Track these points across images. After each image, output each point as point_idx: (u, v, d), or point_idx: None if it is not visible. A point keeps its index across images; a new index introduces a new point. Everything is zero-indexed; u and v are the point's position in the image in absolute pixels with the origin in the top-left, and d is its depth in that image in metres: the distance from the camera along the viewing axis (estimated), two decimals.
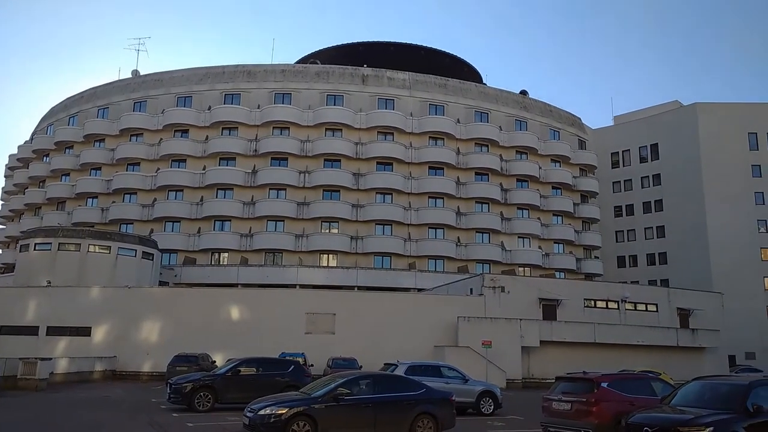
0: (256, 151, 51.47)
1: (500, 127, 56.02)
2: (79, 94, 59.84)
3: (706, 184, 57.73)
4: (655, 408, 11.09)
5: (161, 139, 52.71)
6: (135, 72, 58.86)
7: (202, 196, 50.86)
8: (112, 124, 54.37)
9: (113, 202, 52.13)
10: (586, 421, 12.10)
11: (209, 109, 52.60)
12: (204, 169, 51.37)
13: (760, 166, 58.31)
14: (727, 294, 45.56)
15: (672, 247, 59.31)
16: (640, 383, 13.45)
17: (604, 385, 12.56)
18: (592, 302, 39.72)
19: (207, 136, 52.26)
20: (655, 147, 63.03)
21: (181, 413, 17.34)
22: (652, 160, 63.14)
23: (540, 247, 54.82)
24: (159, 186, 51.35)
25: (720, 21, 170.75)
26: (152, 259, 43.24)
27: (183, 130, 53.10)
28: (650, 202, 62.31)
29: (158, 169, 51.84)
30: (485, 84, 61.88)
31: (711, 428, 9.45)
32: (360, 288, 45.68)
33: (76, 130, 56.30)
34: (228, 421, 15.70)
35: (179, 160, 52.47)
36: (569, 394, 12.80)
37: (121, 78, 58.38)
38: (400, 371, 18.05)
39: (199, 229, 50.16)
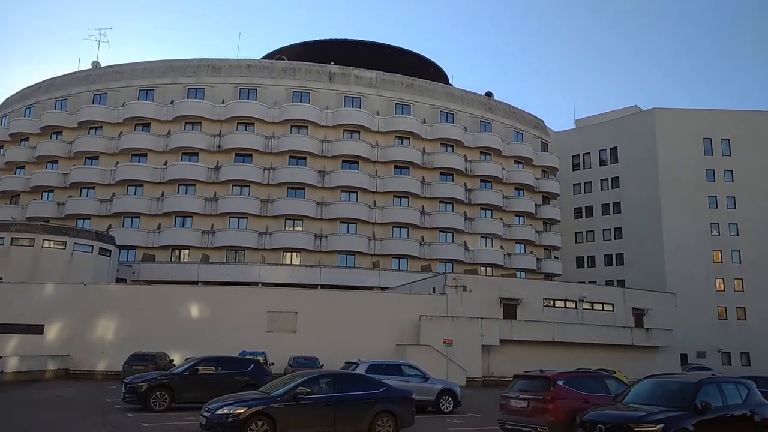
0: (219, 146, 50.74)
1: (465, 127, 56.57)
2: (36, 84, 57.96)
3: (662, 187, 59.42)
4: (608, 405, 11.34)
5: (121, 132, 51.47)
6: (95, 63, 57.30)
7: (163, 192, 49.89)
8: (71, 117, 52.84)
9: (70, 196, 50.68)
10: (542, 418, 12.32)
11: (172, 103, 51.62)
12: (165, 164, 50.40)
13: (713, 170, 60.29)
14: (680, 294, 47.03)
15: (629, 248, 60.87)
16: (595, 381, 13.76)
17: (560, 383, 12.80)
18: (551, 302, 40.50)
19: (169, 130, 51.28)
20: (614, 150, 64.58)
21: (136, 413, 16.98)
22: (611, 164, 64.67)
23: (502, 247, 55.59)
24: (118, 180, 50.14)
25: (680, 30, 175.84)
26: (110, 256, 42.23)
27: (144, 124, 51.96)
28: (609, 204, 63.84)
29: (118, 163, 50.61)
30: (451, 85, 62.36)
31: (661, 425, 9.72)
32: (323, 286, 45.52)
33: (33, 122, 54.53)
34: (185, 421, 15.45)
35: (140, 154, 51.34)
36: (526, 392, 13.01)
37: (80, 69, 56.79)
38: (361, 370, 18.06)
39: (160, 225, 49.19)
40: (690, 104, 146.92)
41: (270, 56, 61.13)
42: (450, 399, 19.28)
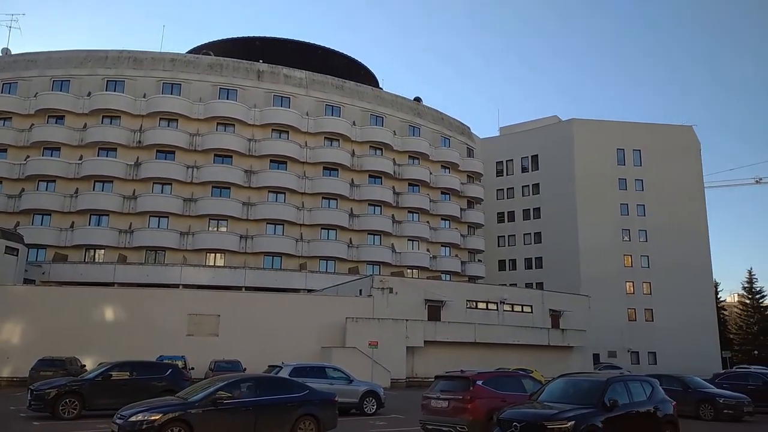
0: (140, 142, 48.72)
1: (394, 131, 57.13)
2: None
3: (578, 194, 62.35)
4: (524, 404, 11.74)
5: (33, 124, 48.37)
6: (5, 50, 53.63)
7: (77, 188, 47.34)
8: None
9: None
10: (462, 417, 12.62)
11: (89, 95, 49.08)
12: (81, 159, 47.85)
13: (625, 179, 63.86)
14: (594, 297, 49.52)
15: (547, 252, 63.46)
16: (512, 381, 14.23)
17: (479, 383, 13.17)
18: (474, 303, 41.59)
19: (85, 124, 48.74)
20: (535, 158, 67.19)
21: (43, 421, 16.10)
22: (532, 171, 67.23)
23: (428, 250, 56.51)
24: (28, 175, 47.07)
25: (599, 43, 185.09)
26: (17, 255, 39.50)
27: (58, 117, 49.09)
28: (530, 209, 66.36)
29: (28, 156, 47.52)
30: (381, 89, 62.77)
31: (572, 422, 10.16)
32: (248, 288, 44.63)
33: None
34: (96, 429, 14.76)
35: (53, 148, 48.44)
36: (447, 392, 13.30)
37: None
38: (284, 373, 17.86)
39: (73, 223, 46.65)
40: (606, 116, 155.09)
41: (196, 51, 59.30)
42: (374, 401, 19.41)
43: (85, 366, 27.75)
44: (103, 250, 46.75)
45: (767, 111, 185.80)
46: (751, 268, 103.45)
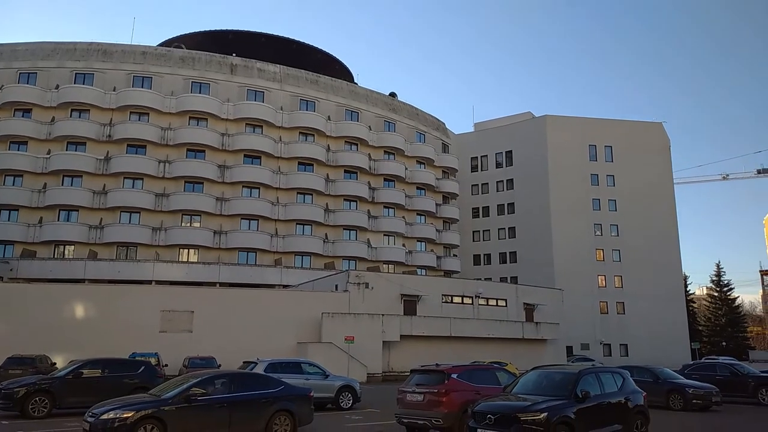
0: (110, 136, 47.81)
1: (370, 126, 57.05)
2: None
3: (551, 190, 63.08)
4: (498, 396, 11.85)
5: None
6: None
7: (45, 183, 46.31)
8: None
9: None
10: (437, 411, 12.69)
11: (57, 88, 47.99)
12: (49, 153, 46.80)
13: (597, 175, 64.77)
14: (567, 290, 50.26)
15: (521, 246, 64.12)
16: (486, 374, 14.34)
17: (454, 376, 13.24)
18: (450, 298, 41.82)
19: (53, 117, 47.64)
20: (509, 154, 67.73)
21: (12, 420, 15.74)
22: (506, 166, 67.79)
23: (404, 245, 56.67)
24: None
25: (574, 41, 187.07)
26: None
27: (25, 110, 47.88)
28: (504, 204, 66.92)
29: None
30: (356, 83, 62.62)
31: (545, 414, 10.29)
32: (223, 284, 44.25)
33: None
34: (66, 427, 14.49)
35: (19, 142, 47.20)
36: (422, 385, 13.35)
37: None
38: (259, 369, 17.74)
39: (41, 218, 45.64)
40: (579, 112, 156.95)
41: (167, 44, 58.34)
42: (350, 395, 19.40)
43: (55, 364, 27.25)
44: (72, 246, 45.86)
45: (734, 110, 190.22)
46: (719, 262, 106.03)
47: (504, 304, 44.15)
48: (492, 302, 43.66)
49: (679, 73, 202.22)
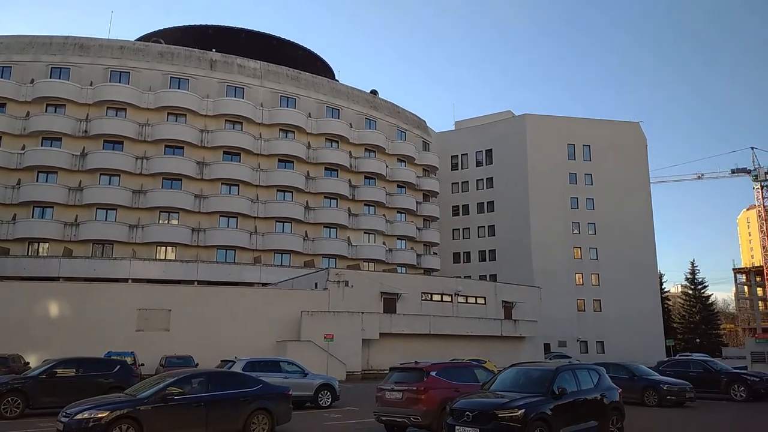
0: (86, 132, 47.04)
1: (351, 124, 56.93)
2: None
3: (530, 188, 63.60)
4: (476, 393, 11.93)
5: None
6: None
7: (19, 179, 45.41)
8: None
9: None
10: (415, 408, 12.72)
11: (32, 82, 47.05)
12: (23, 148, 45.88)
13: (576, 174, 65.47)
14: (545, 288, 50.75)
15: (501, 244, 64.58)
16: (465, 371, 14.41)
17: (433, 373, 13.29)
18: (429, 296, 41.99)
19: (28, 112, 46.72)
20: (489, 152, 68.13)
21: None
22: (486, 165, 68.17)
23: (384, 243, 56.69)
24: None
25: (554, 40, 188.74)
26: None
27: None
28: (483, 203, 67.31)
29: None
30: (338, 81, 62.40)
31: (523, 410, 10.39)
32: (201, 282, 43.85)
33: None
34: (39, 428, 14.26)
35: None
36: (401, 383, 13.38)
37: None
38: (237, 368, 17.62)
39: (15, 215, 44.73)
40: (557, 112, 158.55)
41: (146, 38, 57.54)
42: (329, 393, 19.37)
43: (28, 363, 26.76)
44: (47, 244, 45.05)
45: (710, 111, 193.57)
46: (694, 260, 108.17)
47: (483, 302, 44.44)
48: (471, 300, 43.91)
49: (656, 74, 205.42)
